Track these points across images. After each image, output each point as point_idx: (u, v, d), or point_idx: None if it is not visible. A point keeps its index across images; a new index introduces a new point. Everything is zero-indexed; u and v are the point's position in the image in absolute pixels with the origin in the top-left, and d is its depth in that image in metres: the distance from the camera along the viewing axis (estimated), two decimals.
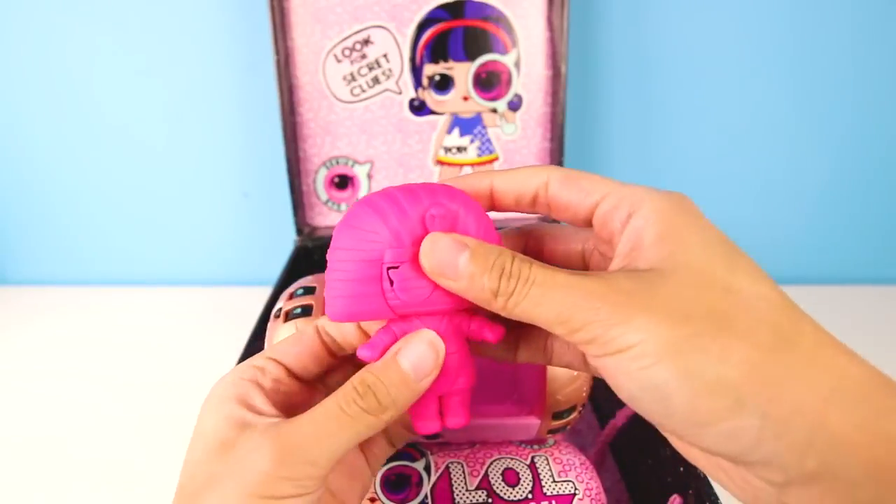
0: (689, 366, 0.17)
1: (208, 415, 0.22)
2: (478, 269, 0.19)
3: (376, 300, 0.21)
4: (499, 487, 0.33)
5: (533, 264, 0.19)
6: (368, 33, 0.60)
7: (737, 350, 0.17)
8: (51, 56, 0.66)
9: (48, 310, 0.70)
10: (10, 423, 0.52)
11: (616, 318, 0.17)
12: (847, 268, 0.74)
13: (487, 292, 0.19)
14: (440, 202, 0.20)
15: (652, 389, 0.17)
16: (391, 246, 0.20)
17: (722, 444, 0.17)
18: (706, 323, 0.17)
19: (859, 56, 0.64)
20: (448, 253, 0.20)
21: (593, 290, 0.18)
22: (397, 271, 0.20)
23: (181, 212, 0.73)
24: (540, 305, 0.18)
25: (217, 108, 0.68)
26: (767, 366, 0.16)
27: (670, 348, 0.17)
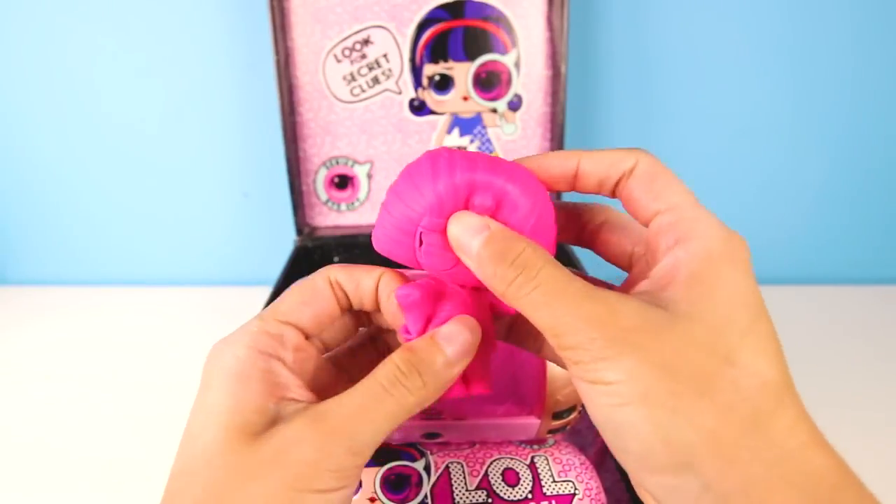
0: (655, 418, 0.17)
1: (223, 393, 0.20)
2: (488, 255, 0.20)
3: (408, 252, 0.22)
4: (499, 487, 0.33)
5: (546, 265, 0.19)
6: (368, 33, 0.60)
7: (705, 419, 0.17)
8: (51, 56, 0.66)
9: (48, 310, 0.70)
10: (11, 423, 0.52)
11: (606, 352, 0.17)
12: (846, 268, 0.74)
13: (494, 278, 0.19)
14: (492, 187, 0.20)
15: (614, 425, 0.18)
16: (430, 213, 0.21)
17: (661, 495, 0.18)
18: (689, 385, 0.17)
19: (859, 56, 0.64)
20: (467, 232, 0.20)
21: (596, 317, 0.18)
22: (429, 237, 0.21)
23: (181, 212, 0.73)
24: (538, 310, 0.19)
25: (217, 108, 0.68)
26: (728, 442, 0.17)
27: (644, 397, 0.17)
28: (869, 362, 0.57)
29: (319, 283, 0.23)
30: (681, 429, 0.17)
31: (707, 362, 0.17)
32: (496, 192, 0.21)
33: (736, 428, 0.17)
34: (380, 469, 0.33)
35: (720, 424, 0.17)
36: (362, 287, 0.23)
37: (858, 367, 0.56)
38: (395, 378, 0.20)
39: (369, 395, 0.20)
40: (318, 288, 0.22)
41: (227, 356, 0.21)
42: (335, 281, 0.23)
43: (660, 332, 0.17)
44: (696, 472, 0.17)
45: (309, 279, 0.23)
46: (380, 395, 0.20)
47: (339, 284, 0.23)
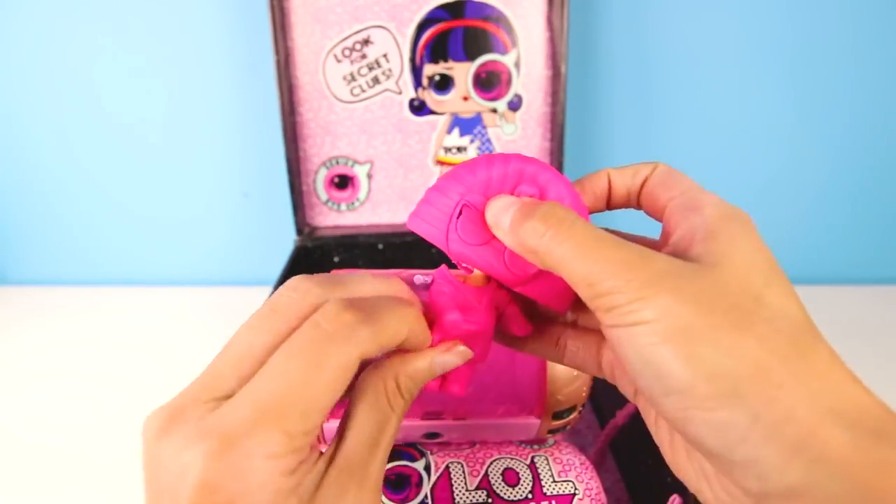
0: (697, 351, 0.17)
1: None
2: (520, 215, 0.20)
3: (440, 225, 0.23)
4: (499, 487, 0.33)
5: (578, 219, 0.19)
6: (368, 33, 0.60)
7: (747, 348, 0.17)
8: (52, 56, 0.66)
9: (48, 310, 0.70)
10: (11, 423, 0.52)
11: (643, 292, 0.17)
12: (846, 268, 0.74)
13: (528, 231, 0.20)
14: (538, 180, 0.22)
15: (655, 366, 0.18)
16: (477, 190, 0.22)
17: (708, 434, 0.17)
18: (726, 318, 0.17)
19: (859, 56, 0.64)
20: (504, 208, 0.21)
21: (630, 261, 0.18)
22: (469, 210, 0.22)
23: (181, 212, 0.73)
24: (572, 261, 0.19)
25: (217, 108, 0.68)
26: (772, 369, 0.17)
27: (683, 332, 0.17)
28: (869, 362, 0.56)
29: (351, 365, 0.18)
30: (724, 360, 0.17)
31: (740, 300, 0.18)
32: (542, 183, 0.22)
33: (779, 356, 0.17)
34: None
35: (763, 354, 0.17)
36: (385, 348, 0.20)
37: (858, 367, 0.55)
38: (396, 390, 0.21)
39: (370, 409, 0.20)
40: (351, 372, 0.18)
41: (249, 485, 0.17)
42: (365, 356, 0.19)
43: (692, 275, 0.18)
44: (743, 401, 0.17)
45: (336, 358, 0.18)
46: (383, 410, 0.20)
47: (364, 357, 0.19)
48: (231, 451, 0.16)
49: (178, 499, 0.16)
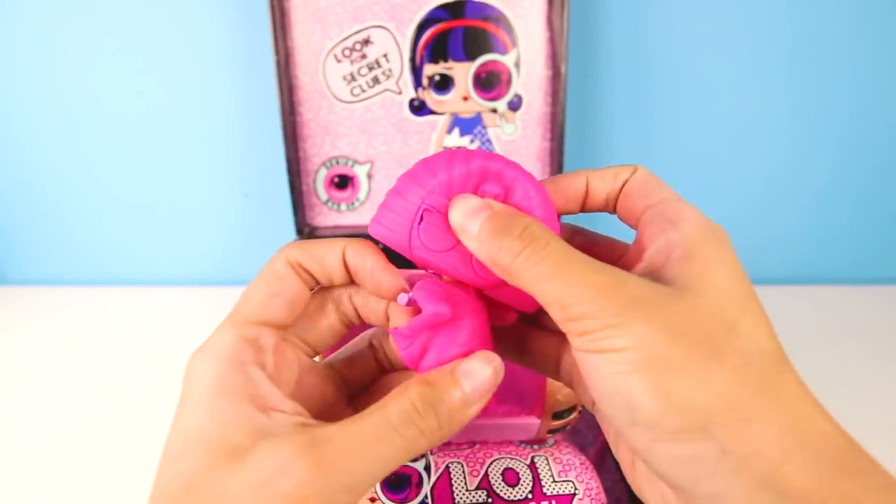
0: (668, 383, 0.17)
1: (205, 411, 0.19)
2: (491, 228, 0.19)
3: (402, 231, 0.21)
4: (499, 487, 0.33)
5: (553, 239, 0.19)
6: (368, 33, 0.60)
7: (719, 381, 0.17)
8: (52, 56, 0.66)
9: (49, 310, 0.70)
10: (11, 423, 0.52)
11: (616, 318, 0.17)
12: (846, 268, 0.74)
13: (500, 250, 0.19)
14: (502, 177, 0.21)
15: (624, 395, 0.17)
16: (438, 192, 0.21)
17: (675, 467, 0.17)
18: (700, 348, 0.17)
19: (859, 56, 0.64)
20: (472, 211, 0.20)
21: (605, 285, 0.18)
22: (430, 216, 0.21)
23: (181, 212, 0.73)
24: (545, 282, 0.18)
25: (217, 108, 0.68)
26: (742, 403, 0.16)
27: (656, 362, 0.17)
28: (869, 362, 0.57)
29: (280, 268, 0.21)
30: (696, 393, 0.16)
31: (714, 329, 0.17)
32: (507, 181, 0.21)
33: (749, 390, 0.17)
34: None
35: (733, 387, 0.17)
36: (327, 264, 0.22)
37: (858, 368, 0.56)
38: (409, 417, 0.18)
39: (375, 431, 0.18)
40: (281, 275, 0.21)
41: (203, 370, 0.20)
42: (295, 262, 0.22)
43: (667, 300, 0.18)
44: (712, 436, 0.16)
45: (267, 268, 0.22)
46: (388, 432, 0.18)
47: (300, 265, 0.22)
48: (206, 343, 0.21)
49: None
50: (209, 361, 0.20)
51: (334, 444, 0.18)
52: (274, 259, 0.22)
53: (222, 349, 0.20)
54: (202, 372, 0.20)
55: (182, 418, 0.19)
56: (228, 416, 0.18)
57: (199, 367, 0.20)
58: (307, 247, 0.22)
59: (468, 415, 0.20)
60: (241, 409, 0.19)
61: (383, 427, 0.18)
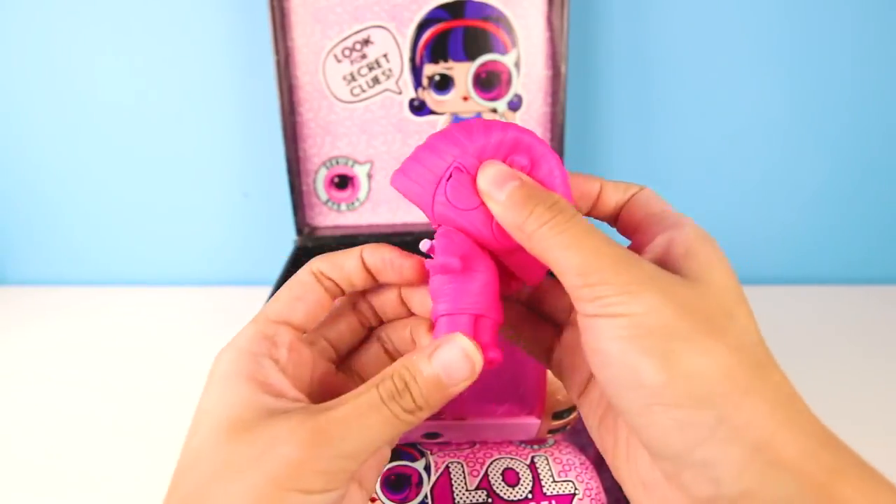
0: (675, 349, 0.18)
1: (218, 394, 0.20)
2: (522, 196, 0.21)
3: (427, 185, 0.22)
4: (499, 487, 0.33)
5: (578, 214, 0.20)
6: (368, 33, 0.60)
7: (721, 354, 0.18)
8: (51, 56, 0.66)
9: (48, 310, 0.70)
10: (10, 423, 0.52)
11: (631, 287, 0.18)
12: (846, 268, 0.74)
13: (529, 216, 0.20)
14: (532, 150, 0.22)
15: (630, 358, 0.18)
16: (472, 154, 0.22)
17: (670, 432, 0.18)
18: (704, 325, 0.18)
19: (858, 56, 0.64)
20: (501, 176, 0.21)
21: (622, 259, 0.19)
22: (460, 174, 0.22)
23: (181, 212, 0.73)
24: (569, 248, 0.19)
25: (217, 109, 0.68)
26: (741, 377, 0.18)
27: (664, 329, 0.18)
28: (868, 362, 0.57)
29: (304, 276, 0.24)
30: (700, 361, 0.18)
31: (716, 314, 0.19)
32: (535, 156, 0.22)
33: (746, 367, 0.18)
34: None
35: (734, 362, 0.18)
36: (346, 269, 0.24)
37: (858, 367, 0.56)
38: (392, 394, 0.20)
39: (365, 403, 0.20)
40: (305, 282, 0.24)
41: (223, 359, 0.22)
42: (318, 271, 0.24)
43: (676, 283, 0.19)
44: (712, 404, 0.17)
45: (295, 276, 0.24)
46: (376, 404, 0.20)
47: (322, 274, 0.24)
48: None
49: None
50: (228, 352, 0.22)
51: (328, 415, 0.19)
52: (301, 269, 0.24)
53: (241, 342, 0.22)
54: (221, 360, 0.22)
55: (200, 402, 0.21)
56: (237, 396, 0.20)
57: (219, 358, 0.22)
58: (329, 256, 0.24)
59: (447, 395, 0.21)
60: (250, 391, 0.20)
61: (371, 398, 0.20)
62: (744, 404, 0.17)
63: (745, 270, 0.74)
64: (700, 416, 0.17)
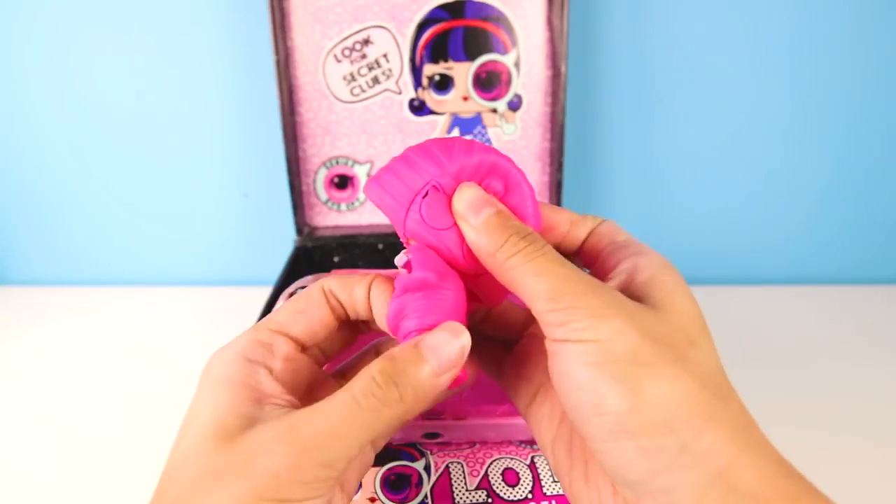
0: (641, 375, 0.18)
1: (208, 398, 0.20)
2: (498, 223, 0.21)
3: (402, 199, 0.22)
4: (499, 487, 0.33)
5: (547, 244, 0.21)
6: (368, 33, 0.60)
7: (684, 381, 0.18)
8: (50, 56, 0.66)
9: (48, 310, 0.70)
10: (10, 423, 0.52)
11: (600, 312, 0.19)
12: (846, 268, 0.74)
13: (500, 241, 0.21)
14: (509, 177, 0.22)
15: (596, 384, 0.18)
16: (450, 174, 0.22)
17: (633, 460, 0.18)
18: (668, 351, 0.19)
19: (858, 56, 0.64)
20: (479, 201, 0.22)
21: (592, 286, 0.20)
22: (436, 194, 0.22)
23: (181, 212, 0.73)
24: (539, 275, 0.20)
25: (217, 109, 0.68)
26: (703, 404, 0.18)
27: (631, 355, 0.18)
28: (869, 362, 0.57)
29: (314, 292, 0.23)
30: (665, 388, 0.18)
31: (679, 340, 0.19)
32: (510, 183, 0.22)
33: (708, 395, 0.18)
34: (380, 469, 0.33)
35: (695, 389, 0.18)
36: (355, 296, 0.23)
37: (858, 367, 0.56)
38: (370, 390, 0.20)
39: (341, 409, 0.19)
40: (313, 297, 0.23)
41: (216, 363, 0.22)
42: (329, 290, 0.23)
43: (641, 310, 0.20)
44: (675, 431, 0.18)
45: (305, 289, 0.24)
46: (352, 409, 0.19)
47: (332, 294, 0.23)
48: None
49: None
50: (222, 355, 0.22)
51: (308, 424, 0.19)
52: (313, 283, 0.24)
53: (237, 346, 0.22)
54: (214, 364, 0.22)
55: (191, 405, 0.21)
56: (226, 401, 0.20)
57: (213, 361, 0.22)
58: (344, 277, 0.24)
59: (435, 385, 0.21)
60: (240, 397, 0.20)
61: (348, 405, 0.19)
62: (705, 431, 0.18)
63: (746, 270, 0.74)
64: (663, 442, 0.18)
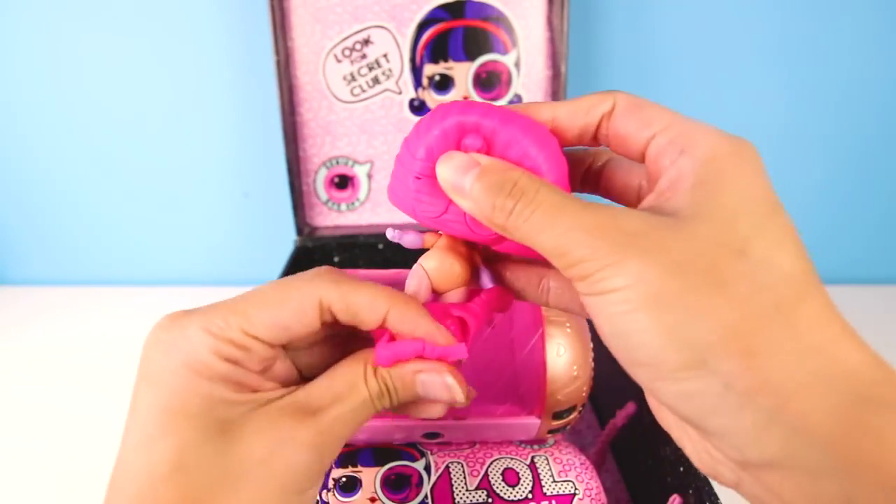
0: (665, 319, 0.16)
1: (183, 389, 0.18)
2: (484, 186, 0.19)
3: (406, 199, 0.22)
4: (499, 487, 0.33)
5: (542, 188, 0.18)
6: (368, 33, 0.60)
7: (721, 313, 0.16)
8: (51, 56, 0.66)
9: (48, 310, 0.70)
10: (10, 423, 0.52)
11: (611, 258, 0.16)
12: (846, 268, 0.74)
13: (493, 210, 0.19)
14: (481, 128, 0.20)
15: (623, 335, 0.17)
16: (421, 158, 0.21)
17: (679, 403, 0.17)
18: (701, 279, 0.16)
19: (858, 56, 0.64)
20: (459, 170, 0.19)
21: (598, 225, 0.17)
22: (420, 182, 0.21)
23: (181, 212, 0.73)
24: (542, 232, 0.18)
25: (217, 108, 0.68)
26: (747, 335, 0.15)
27: (652, 298, 0.16)
28: None
29: (307, 304, 0.20)
30: (694, 327, 0.16)
31: (718, 256, 0.16)
32: (487, 132, 0.20)
33: (755, 320, 0.15)
34: (380, 469, 0.33)
35: (738, 318, 0.16)
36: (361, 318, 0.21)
37: None
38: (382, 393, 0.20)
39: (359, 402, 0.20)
40: (305, 310, 0.20)
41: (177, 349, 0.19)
42: (327, 306, 0.20)
43: (665, 233, 0.17)
44: (714, 371, 0.15)
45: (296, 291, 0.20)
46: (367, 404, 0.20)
47: (329, 310, 0.20)
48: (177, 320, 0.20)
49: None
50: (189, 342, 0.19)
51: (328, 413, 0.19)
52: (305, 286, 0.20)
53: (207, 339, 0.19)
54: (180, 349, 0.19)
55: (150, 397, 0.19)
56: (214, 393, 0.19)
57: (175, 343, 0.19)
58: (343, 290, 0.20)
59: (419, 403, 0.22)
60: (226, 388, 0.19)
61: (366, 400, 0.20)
62: (752, 367, 0.15)
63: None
64: (703, 385, 0.16)
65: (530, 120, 0.20)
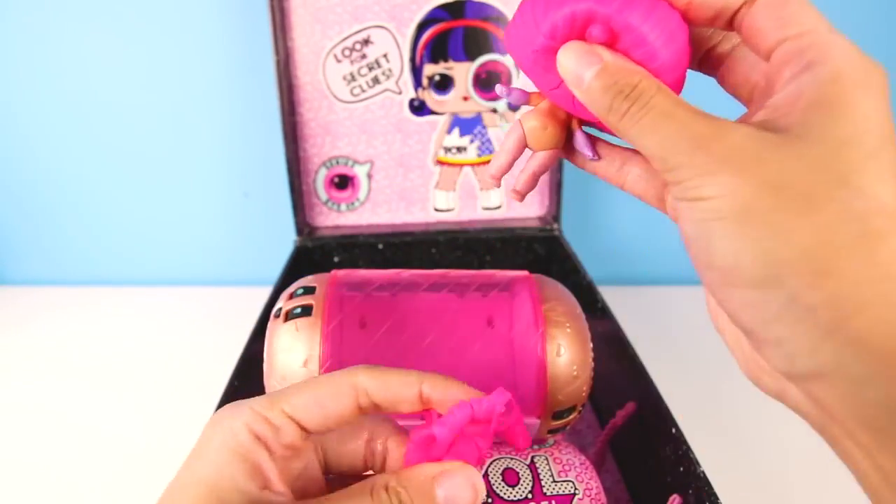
0: (748, 232, 0.17)
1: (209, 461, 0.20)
2: (602, 85, 0.19)
3: (525, 59, 0.22)
4: (499, 487, 0.33)
5: (658, 93, 0.19)
6: (368, 33, 0.60)
7: (804, 235, 0.16)
8: (50, 56, 0.66)
9: (48, 310, 0.70)
10: (10, 422, 0.52)
11: (709, 167, 0.17)
12: None
13: (608, 111, 0.19)
14: (611, 20, 0.20)
15: (704, 238, 0.18)
16: (543, 35, 0.21)
17: (742, 310, 0.18)
18: (792, 201, 0.16)
19: None
20: (581, 62, 0.20)
21: (703, 135, 0.18)
22: (538, 55, 0.21)
23: (181, 212, 0.73)
24: (647, 136, 0.19)
25: (217, 108, 0.68)
26: (822, 258, 0.16)
27: (741, 212, 0.17)
28: None
29: (344, 387, 0.21)
30: (774, 244, 0.16)
31: (817, 181, 0.16)
32: (617, 25, 0.20)
33: (835, 246, 0.16)
34: None
35: (818, 242, 0.16)
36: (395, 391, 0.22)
37: None
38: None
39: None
40: (341, 393, 0.21)
41: (225, 426, 0.21)
42: (363, 390, 0.22)
43: (768, 151, 0.17)
44: (783, 284, 0.16)
45: (335, 378, 0.22)
46: None
47: (366, 392, 0.22)
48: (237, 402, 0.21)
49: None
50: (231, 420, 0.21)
51: None
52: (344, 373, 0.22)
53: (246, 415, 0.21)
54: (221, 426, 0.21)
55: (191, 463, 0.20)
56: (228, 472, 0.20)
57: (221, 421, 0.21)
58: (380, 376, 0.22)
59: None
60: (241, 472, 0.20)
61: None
62: (820, 286, 0.16)
63: None
64: (768, 296, 0.17)
65: (666, 9, 0.20)
